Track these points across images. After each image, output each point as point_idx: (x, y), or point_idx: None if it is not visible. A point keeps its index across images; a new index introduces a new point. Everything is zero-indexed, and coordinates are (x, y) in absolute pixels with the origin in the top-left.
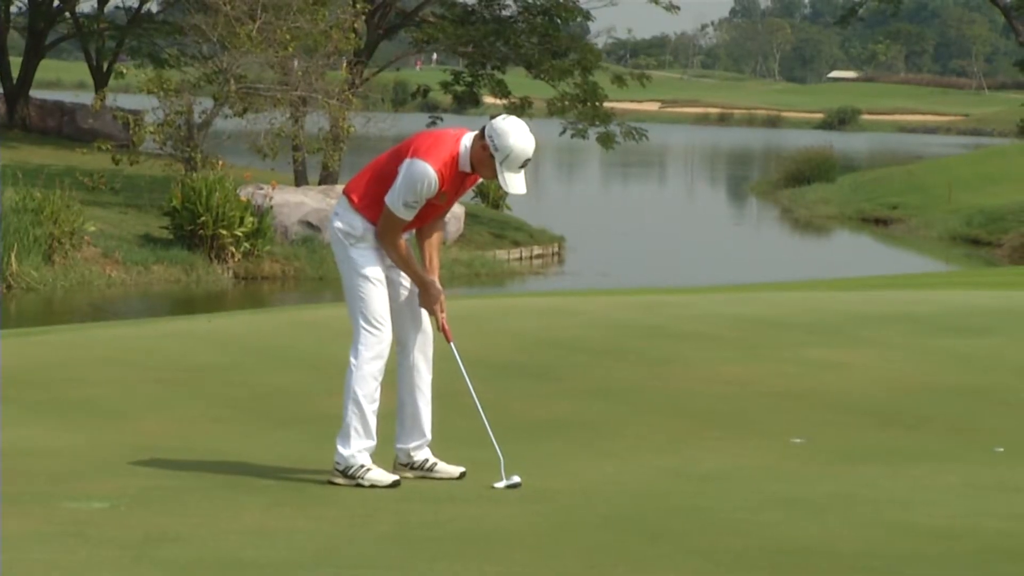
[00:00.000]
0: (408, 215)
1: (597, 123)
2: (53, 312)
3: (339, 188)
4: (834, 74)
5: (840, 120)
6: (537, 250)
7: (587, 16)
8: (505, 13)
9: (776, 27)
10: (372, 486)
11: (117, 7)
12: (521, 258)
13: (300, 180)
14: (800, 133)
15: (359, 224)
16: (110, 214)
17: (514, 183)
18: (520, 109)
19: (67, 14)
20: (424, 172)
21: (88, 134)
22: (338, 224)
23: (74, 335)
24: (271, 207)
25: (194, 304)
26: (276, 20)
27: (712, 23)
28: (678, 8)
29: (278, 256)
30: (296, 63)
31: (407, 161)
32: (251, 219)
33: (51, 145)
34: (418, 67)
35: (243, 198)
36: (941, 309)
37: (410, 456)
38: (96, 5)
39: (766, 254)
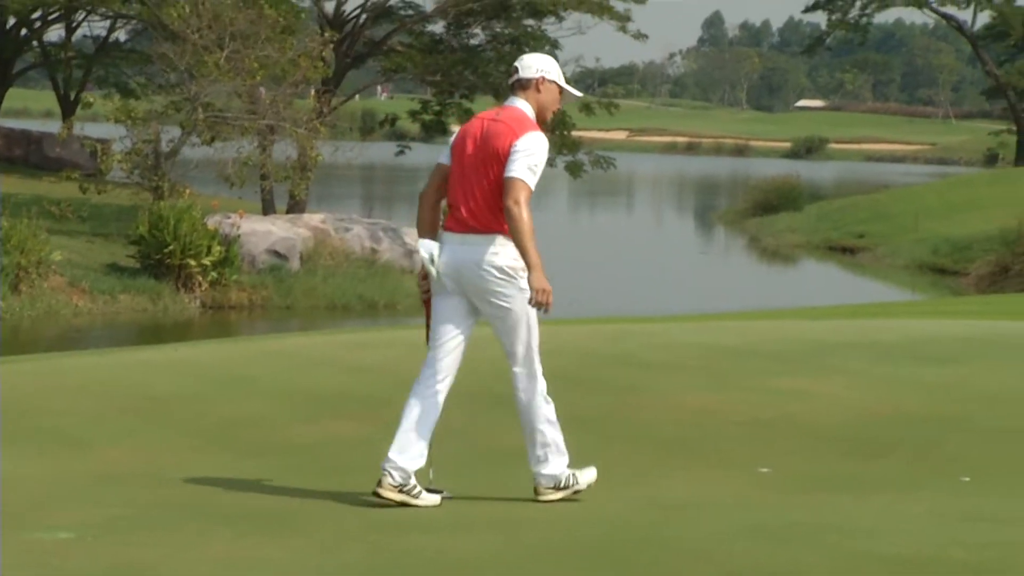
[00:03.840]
0: (534, 185)
1: (565, 151)
2: (19, 341)
3: (307, 217)
4: (801, 103)
5: (807, 149)
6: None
7: (555, 45)
8: (473, 42)
9: (744, 56)
10: (588, 485)
11: (85, 36)
12: None
13: (268, 209)
14: (767, 162)
15: (516, 251)
16: (77, 243)
17: (574, 89)
18: None
19: (34, 43)
20: (543, 139)
21: (55, 163)
22: (505, 261)
23: (40, 364)
24: (238, 236)
25: (161, 333)
26: (244, 49)
27: (680, 52)
28: (646, 37)
29: (245, 285)
30: (264, 91)
31: (523, 138)
32: (218, 248)
33: (18, 174)
34: (383, 95)
35: (210, 227)
36: (907, 337)
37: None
38: (64, 34)
39: (733, 283)
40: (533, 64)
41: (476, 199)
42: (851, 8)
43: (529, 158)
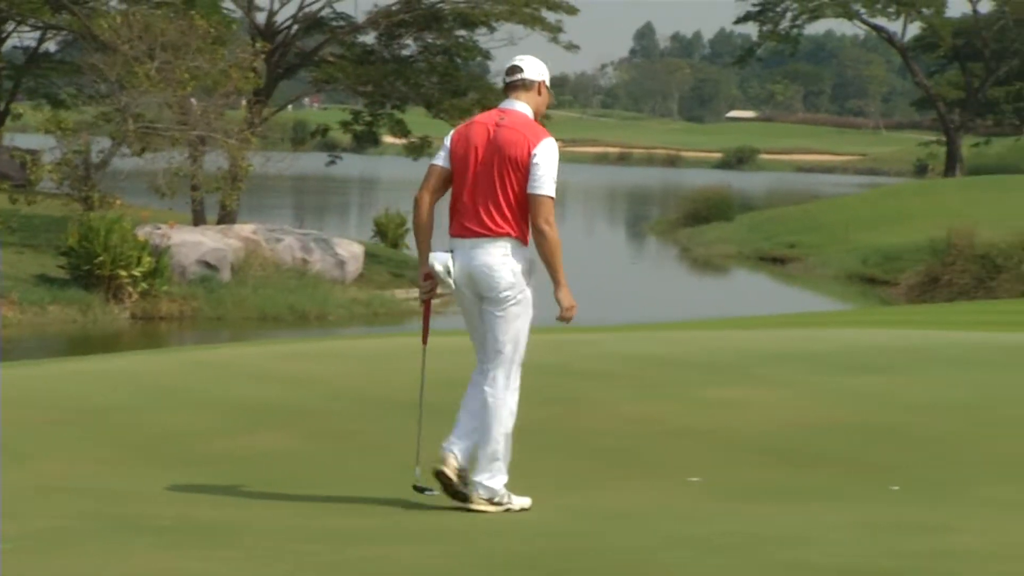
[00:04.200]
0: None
1: None
2: None
3: (238, 228)
4: (733, 114)
5: (738, 159)
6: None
7: (487, 55)
8: (405, 53)
9: (675, 67)
10: (521, 509)
11: (15, 47)
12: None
13: (198, 219)
14: (699, 172)
15: (527, 256)
16: (6, 254)
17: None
18: (419, 148)
19: None
20: (555, 144)
21: None
22: (513, 266)
23: None
24: (169, 247)
25: (91, 344)
26: (175, 60)
27: (612, 63)
28: (578, 48)
29: (176, 296)
30: (195, 102)
31: (540, 147)
32: (149, 259)
33: None
34: (313, 105)
35: (141, 237)
36: (838, 347)
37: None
38: None
39: (665, 293)
40: (536, 66)
41: (494, 207)
42: (782, 20)
43: (551, 170)
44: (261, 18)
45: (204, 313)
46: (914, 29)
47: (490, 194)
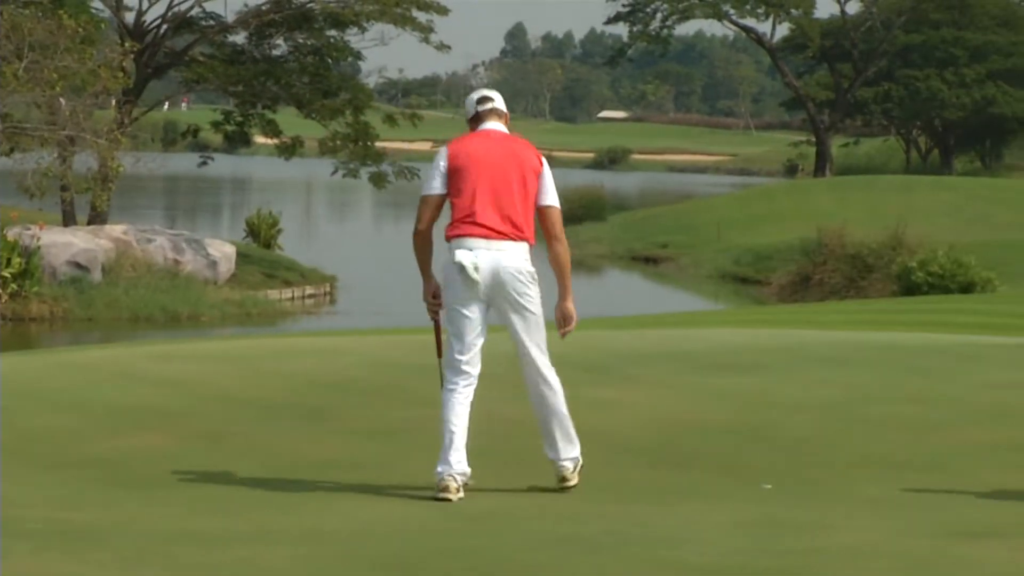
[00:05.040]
0: None
1: (369, 163)
2: None
3: (109, 228)
4: (604, 114)
5: (611, 159)
6: (309, 290)
7: (358, 56)
8: (275, 53)
9: (546, 67)
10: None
11: None
12: (293, 298)
13: (68, 220)
14: (571, 172)
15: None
16: None
17: None
18: (291, 149)
19: None
20: None
21: None
22: (531, 267)
23: None
24: (39, 247)
25: None
26: (43, 59)
27: (483, 63)
28: (449, 48)
29: (46, 297)
30: (64, 102)
31: (544, 162)
32: (18, 260)
33: None
34: (184, 106)
35: (10, 238)
36: (710, 347)
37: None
38: None
39: None
40: (501, 99)
41: (516, 212)
42: (652, 20)
43: (553, 184)
44: (130, 18)
45: (75, 314)
46: (783, 30)
47: (512, 200)
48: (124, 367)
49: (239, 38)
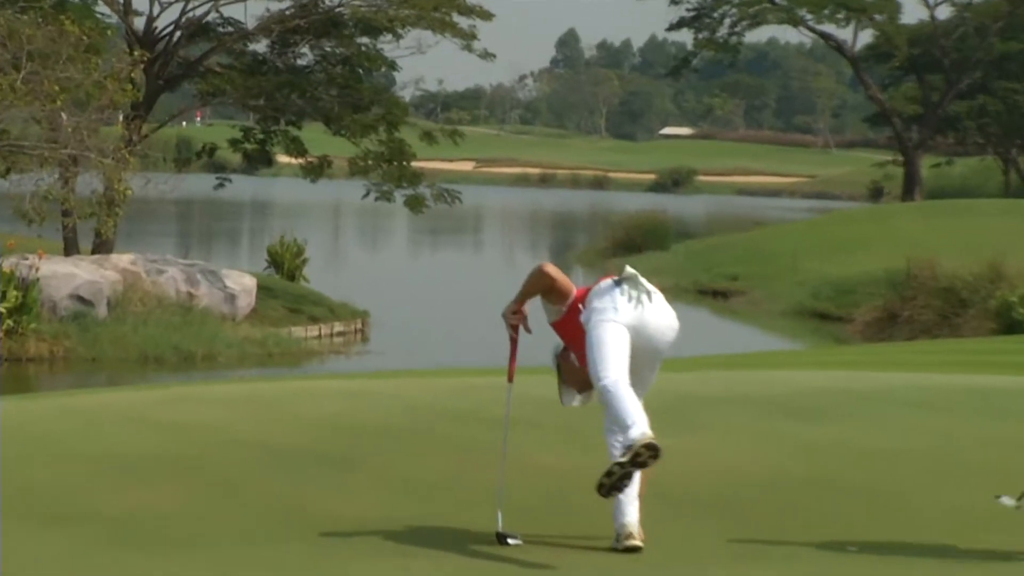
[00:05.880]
0: None
1: (404, 184)
2: None
3: (115, 258)
4: (666, 130)
5: (674, 181)
6: (338, 327)
7: (392, 66)
8: (301, 62)
9: (602, 78)
10: None
11: None
12: (320, 336)
13: (71, 249)
14: (630, 196)
15: None
16: None
17: None
18: (318, 169)
19: None
20: None
21: None
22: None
23: None
24: (37, 279)
25: None
26: (43, 70)
27: (532, 74)
28: (494, 56)
29: (45, 335)
30: (66, 117)
31: None
32: (15, 293)
33: None
34: (199, 120)
35: (6, 269)
36: (787, 390)
37: None
38: None
39: None
40: None
41: None
42: (720, 26)
43: None
44: (140, 24)
45: (78, 354)
46: (866, 37)
47: None
48: (132, 412)
49: (260, 46)
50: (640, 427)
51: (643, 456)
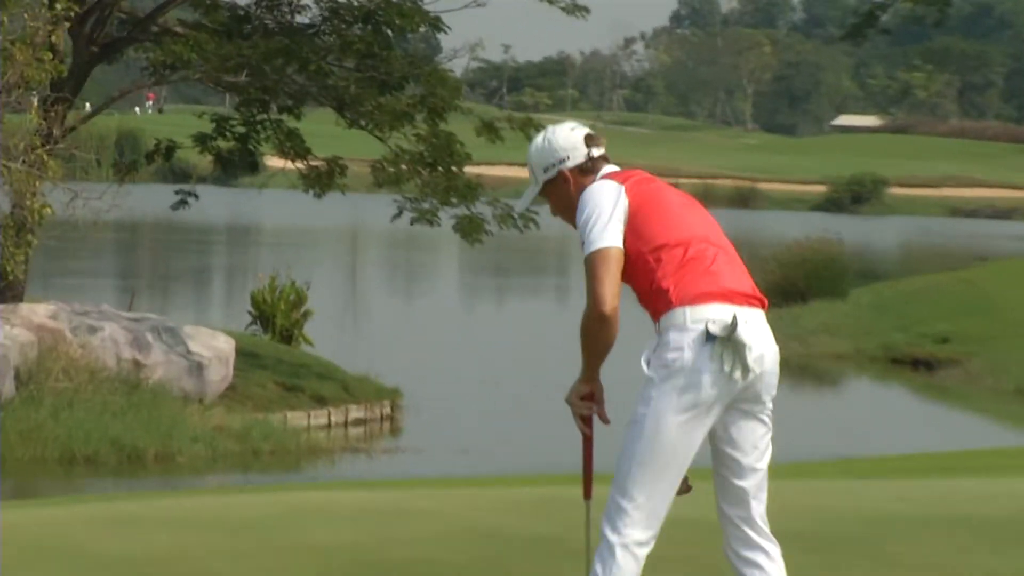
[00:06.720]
0: None
1: (454, 200)
2: None
3: (27, 309)
4: (842, 120)
5: (853, 197)
6: (356, 412)
7: (437, 24)
8: (301, 19)
9: (748, 43)
10: None
11: None
12: (330, 425)
13: None
14: (788, 216)
15: None
16: None
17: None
18: (326, 178)
19: None
20: None
21: None
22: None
23: None
24: None
25: None
26: None
27: (643, 36)
28: (587, 11)
29: None
30: None
31: None
32: None
33: None
34: (151, 104)
35: None
36: (1016, 510)
37: None
38: None
39: None
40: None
41: (743, 269)
42: None
43: None
44: None
45: None
46: None
47: (731, 252)
48: (51, 540)
49: None
50: None
51: None
